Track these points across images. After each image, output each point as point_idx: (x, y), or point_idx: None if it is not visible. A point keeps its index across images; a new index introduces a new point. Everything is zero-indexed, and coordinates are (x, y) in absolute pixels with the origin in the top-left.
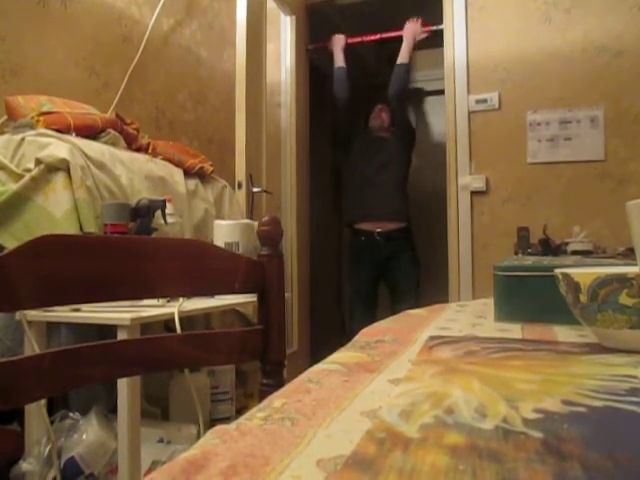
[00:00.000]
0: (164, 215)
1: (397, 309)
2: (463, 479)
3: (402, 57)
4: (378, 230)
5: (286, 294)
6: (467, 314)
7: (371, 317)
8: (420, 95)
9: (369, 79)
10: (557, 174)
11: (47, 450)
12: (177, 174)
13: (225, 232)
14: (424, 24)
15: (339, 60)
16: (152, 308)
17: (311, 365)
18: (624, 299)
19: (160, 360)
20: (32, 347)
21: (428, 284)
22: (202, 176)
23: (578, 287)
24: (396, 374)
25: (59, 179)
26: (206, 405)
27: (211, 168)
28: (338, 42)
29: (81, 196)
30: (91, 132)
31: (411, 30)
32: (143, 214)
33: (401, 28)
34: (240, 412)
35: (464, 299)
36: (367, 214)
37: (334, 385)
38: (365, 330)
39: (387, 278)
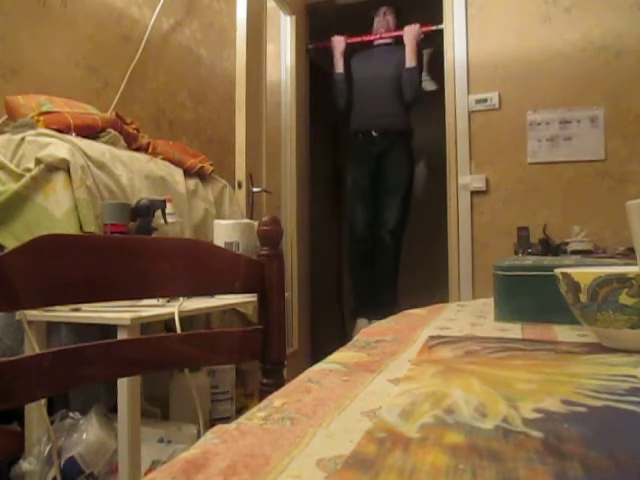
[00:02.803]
0: (164, 215)
1: (386, 200)
2: (463, 479)
3: (409, 61)
4: (375, 129)
5: (286, 294)
6: (467, 314)
7: (368, 210)
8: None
9: None
10: (557, 174)
11: (47, 450)
12: (177, 174)
13: (225, 232)
14: (423, 24)
15: (338, 66)
16: (152, 308)
17: (311, 365)
18: (624, 299)
19: (160, 360)
20: (32, 347)
21: (428, 284)
22: (202, 176)
23: (578, 287)
24: (396, 374)
25: (59, 179)
26: (206, 405)
27: (211, 168)
28: (338, 45)
29: (81, 196)
30: (91, 132)
31: (411, 32)
32: (143, 214)
33: (401, 28)
34: (240, 412)
35: (464, 299)
36: (367, 119)
37: (334, 385)
38: (365, 330)
39: (381, 171)
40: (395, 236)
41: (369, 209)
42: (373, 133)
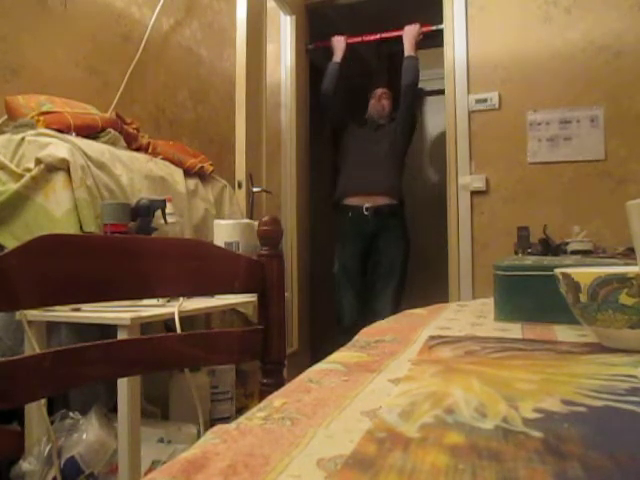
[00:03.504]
0: (164, 215)
1: (378, 288)
2: (463, 479)
3: (408, 51)
4: (367, 205)
5: (286, 294)
6: (467, 314)
7: (357, 297)
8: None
9: (366, 78)
10: (557, 174)
11: (47, 450)
12: (177, 174)
13: (225, 232)
14: (423, 24)
15: (336, 57)
16: (152, 308)
17: (311, 365)
18: (624, 299)
19: (160, 360)
20: (32, 347)
21: (428, 284)
22: (202, 176)
23: (578, 287)
24: (396, 374)
25: (59, 179)
26: (206, 405)
27: (211, 168)
28: (338, 45)
29: (81, 196)
30: (91, 132)
31: (411, 32)
32: (143, 214)
33: (401, 28)
34: (240, 412)
35: (464, 299)
36: (356, 189)
37: (334, 385)
38: (365, 330)
39: (373, 255)
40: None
41: (358, 295)
42: (364, 212)
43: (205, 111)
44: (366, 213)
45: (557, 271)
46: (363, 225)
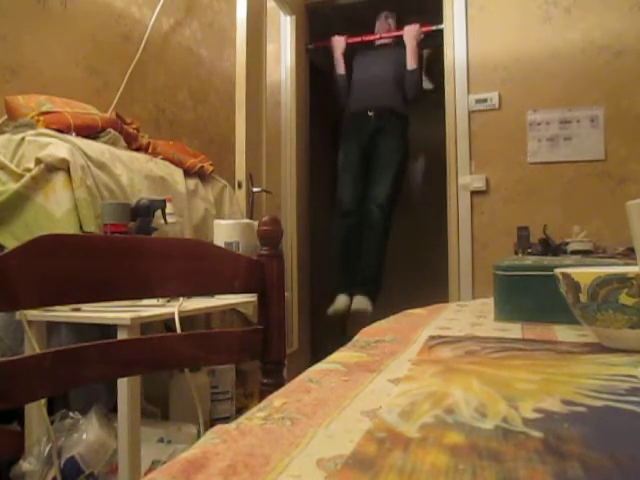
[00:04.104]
0: (164, 215)
1: (375, 176)
2: (463, 479)
3: (410, 64)
4: (370, 109)
5: (286, 294)
6: (467, 314)
7: (359, 189)
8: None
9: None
10: (557, 174)
11: (47, 450)
12: (177, 174)
13: (225, 232)
14: (423, 24)
15: (339, 67)
16: (152, 308)
17: (311, 365)
18: (624, 299)
19: (160, 360)
20: (32, 347)
21: (428, 284)
22: (202, 176)
23: (578, 287)
24: (396, 374)
25: (59, 179)
26: (206, 405)
27: (211, 168)
28: (338, 45)
29: (81, 196)
30: (91, 132)
31: (411, 32)
32: (143, 214)
33: (401, 28)
34: (240, 412)
35: (464, 299)
36: (363, 101)
37: (334, 384)
38: (365, 330)
39: (373, 148)
40: (383, 211)
41: (358, 184)
42: (368, 113)
43: (205, 111)
44: (369, 114)
45: (557, 271)
46: (365, 125)
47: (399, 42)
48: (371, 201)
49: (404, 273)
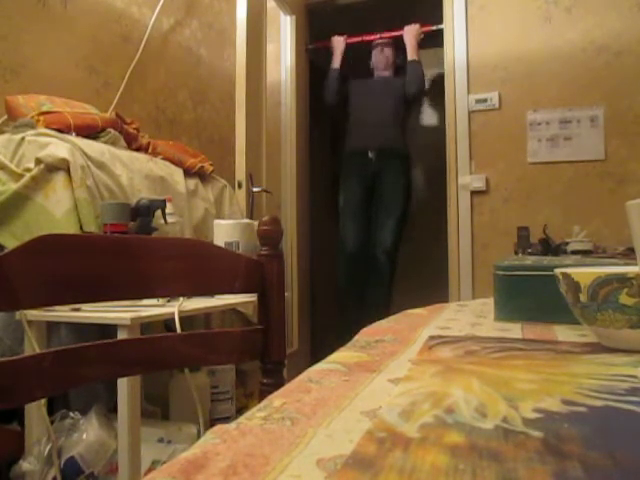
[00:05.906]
0: (164, 215)
1: (380, 220)
2: (463, 479)
3: (411, 55)
4: (371, 149)
5: (286, 294)
6: (467, 314)
7: (361, 231)
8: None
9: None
10: (557, 174)
11: (47, 450)
12: (177, 174)
13: (225, 232)
14: (423, 24)
15: (336, 62)
16: (152, 308)
17: (311, 365)
18: (624, 299)
19: (160, 359)
20: (32, 347)
21: (428, 284)
22: (202, 176)
23: (578, 287)
24: (396, 374)
25: (59, 179)
26: (206, 405)
27: (211, 168)
28: (338, 45)
29: (81, 196)
30: (91, 132)
31: (411, 32)
32: (143, 214)
33: (401, 28)
34: (240, 412)
35: (464, 299)
36: (363, 140)
37: (334, 384)
38: (365, 330)
39: (376, 190)
40: (390, 257)
41: (361, 225)
42: (369, 154)
43: (205, 111)
44: (370, 155)
45: (557, 271)
46: (367, 165)
47: (397, 71)
48: (378, 247)
49: (404, 273)
